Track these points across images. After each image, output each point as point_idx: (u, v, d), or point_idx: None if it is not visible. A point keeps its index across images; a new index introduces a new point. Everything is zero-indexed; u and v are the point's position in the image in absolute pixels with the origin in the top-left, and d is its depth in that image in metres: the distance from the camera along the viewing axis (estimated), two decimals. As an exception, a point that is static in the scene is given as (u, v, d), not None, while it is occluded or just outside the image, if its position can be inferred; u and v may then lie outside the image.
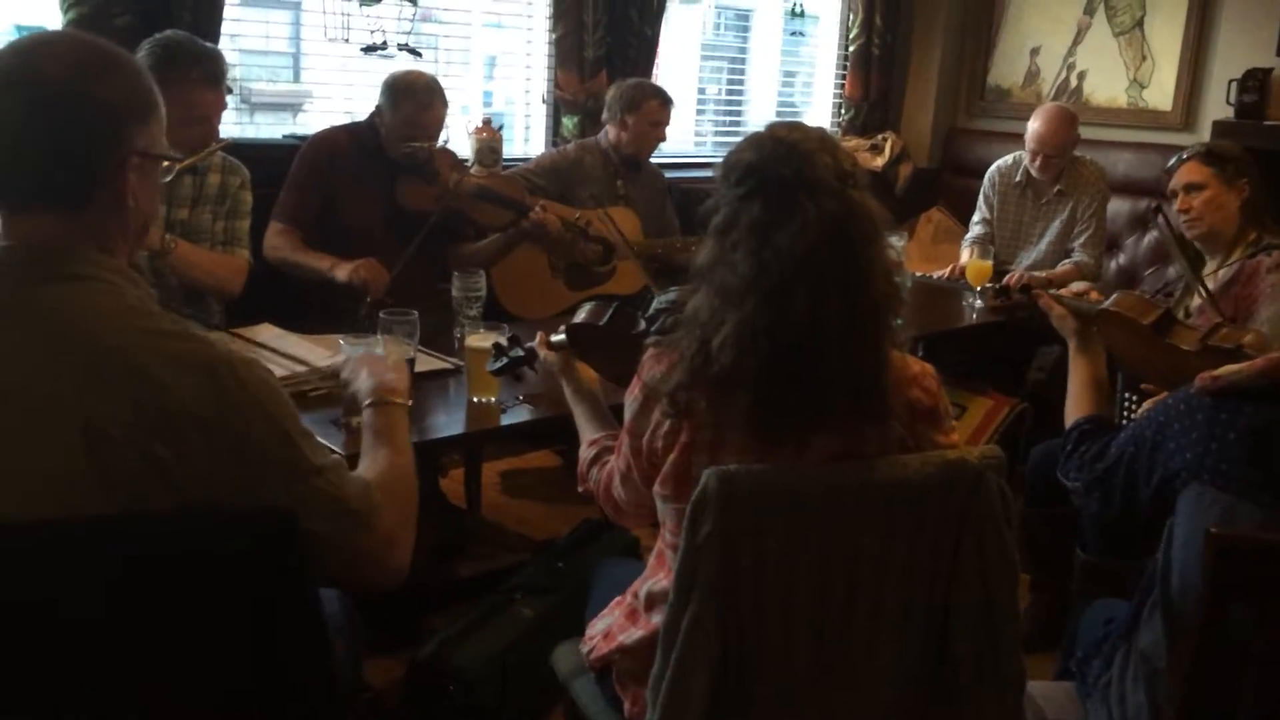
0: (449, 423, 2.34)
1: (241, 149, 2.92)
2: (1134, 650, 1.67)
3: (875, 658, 1.48)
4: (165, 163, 1.33)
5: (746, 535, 1.39)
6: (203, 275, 2.63)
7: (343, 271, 2.92)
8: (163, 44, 2.53)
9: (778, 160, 1.46)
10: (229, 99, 2.75)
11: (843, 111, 5.41)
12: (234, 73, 3.26)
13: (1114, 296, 2.25)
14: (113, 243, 1.27)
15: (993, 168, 4.19)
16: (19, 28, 3.10)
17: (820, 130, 1.54)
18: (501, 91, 4.98)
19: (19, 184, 1.23)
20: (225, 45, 3.25)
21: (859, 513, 1.43)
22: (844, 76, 5.41)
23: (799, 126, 1.52)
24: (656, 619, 1.56)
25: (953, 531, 1.46)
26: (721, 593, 1.39)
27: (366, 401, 1.61)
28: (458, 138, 3.55)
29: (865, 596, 1.45)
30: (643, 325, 1.80)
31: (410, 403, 1.73)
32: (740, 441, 1.47)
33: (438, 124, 3.14)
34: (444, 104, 3.13)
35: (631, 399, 1.58)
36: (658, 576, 1.61)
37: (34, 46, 1.25)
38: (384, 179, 3.12)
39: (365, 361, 1.72)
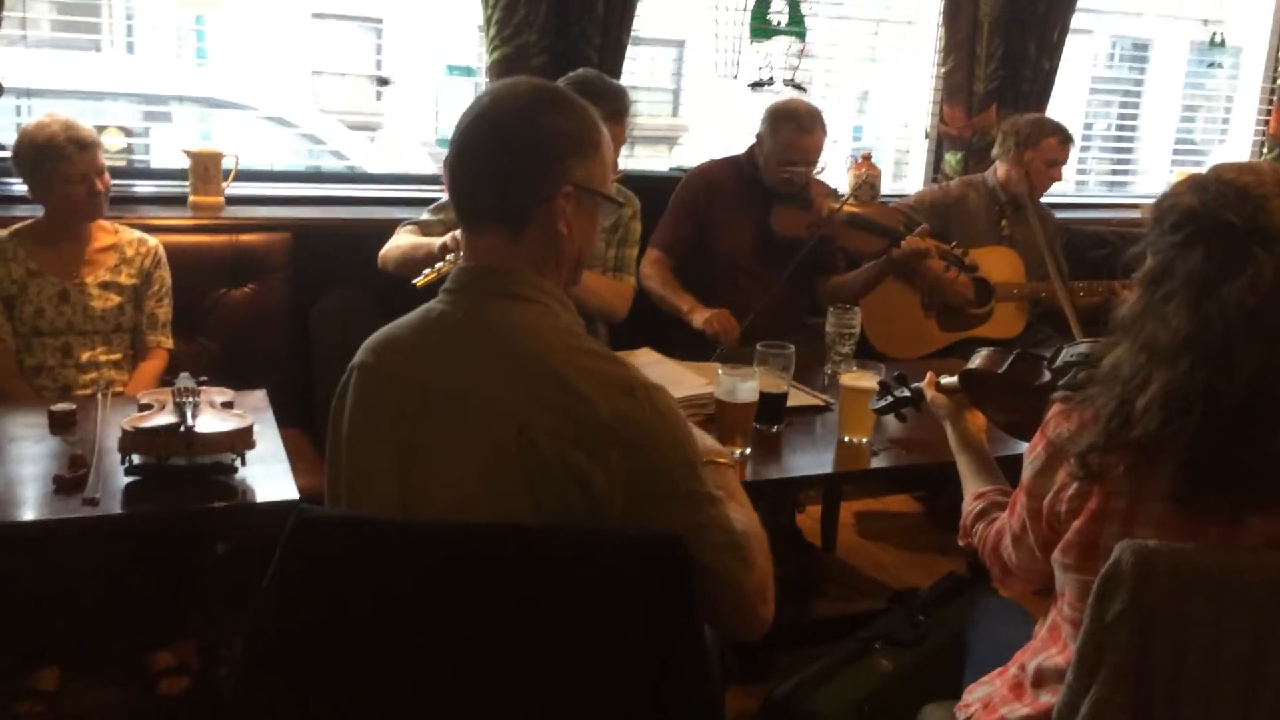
0: (817, 461, 2.32)
1: (628, 180, 3.06)
2: None
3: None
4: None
5: (1165, 620, 1.25)
6: (594, 299, 2.77)
7: (698, 318, 3.00)
8: (576, 82, 2.71)
9: (1225, 205, 1.32)
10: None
11: (1264, 150, 4.87)
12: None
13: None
14: (549, 268, 1.37)
15: None
16: (451, 68, 3.45)
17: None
18: (871, 126, 4.94)
19: (477, 203, 1.36)
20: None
21: (1306, 611, 1.25)
22: (1268, 112, 4.87)
23: (1253, 168, 1.36)
24: (1046, 698, 1.44)
25: None
26: (1130, 679, 1.26)
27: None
28: (832, 172, 3.54)
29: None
30: (1048, 377, 1.68)
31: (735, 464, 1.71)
32: (1161, 514, 1.34)
33: (817, 150, 3.15)
34: (824, 131, 3.16)
35: (1033, 456, 1.48)
36: (1050, 651, 1.48)
37: (502, 86, 1.39)
38: (758, 207, 3.18)
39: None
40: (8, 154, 2.66)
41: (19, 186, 2.85)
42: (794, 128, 3.10)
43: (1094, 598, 1.27)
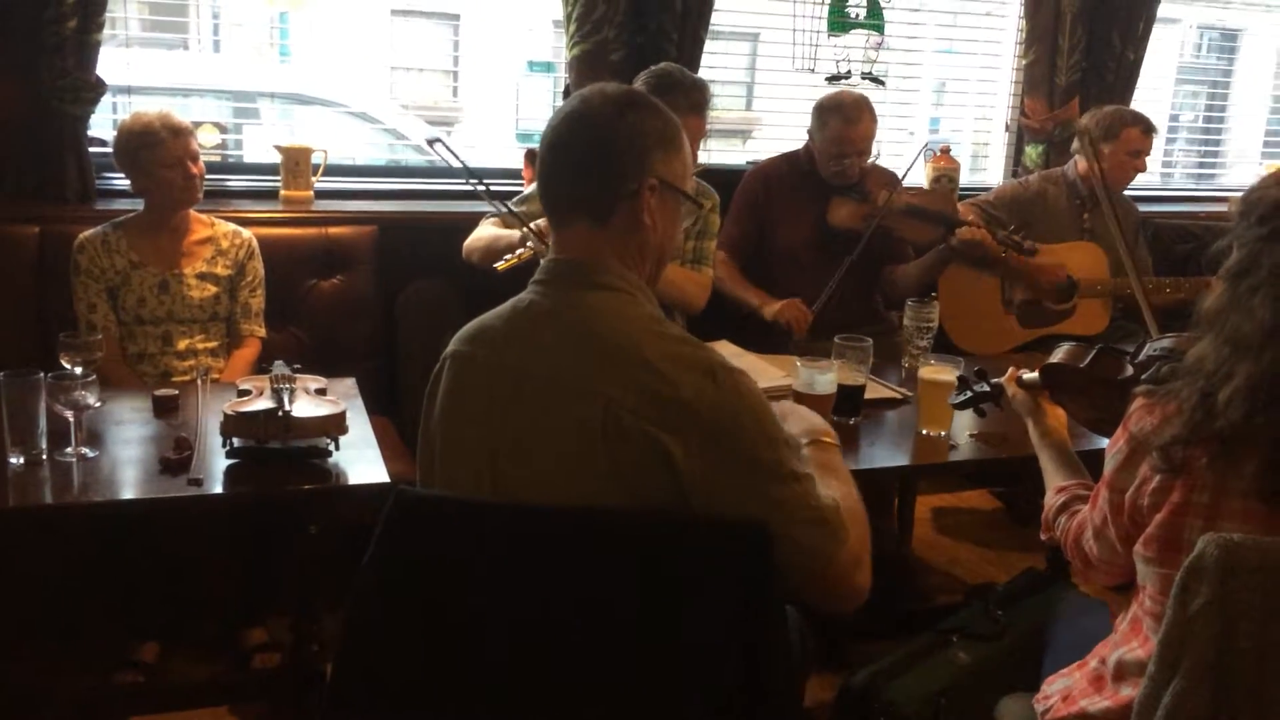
0: (894, 453, 2.32)
1: (706, 174, 3.09)
2: None
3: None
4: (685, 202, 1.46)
5: (1249, 615, 1.24)
6: (673, 290, 2.80)
7: (769, 310, 3.03)
8: (658, 75, 2.76)
9: None
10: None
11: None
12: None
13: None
14: (633, 259, 1.42)
15: None
16: (531, 64, 3.50)
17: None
18: (948, 118, 4.89)
19: (565, 196, 1.42)
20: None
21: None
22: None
23: None
24: (1127, 691, 1.44)
25: None
26: (1212, 673, 1.26)
27: (804, 441, 1.63)
28: (908, 163, 3.53)
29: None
30: (1131, 371, 1.68)
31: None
32: (1245, 508, 1.33)
33: (866, 140, 3.14)
34: (872, 119, 3.13)
35: (1115, 450, 1.48)
36: (1131, 644, 1.49)
37: (590, 89, 1.45)
38: (816, 201, 3.19)
39: (792, 409, 1.75)
40: (109, 149, 2.77)
41: (120, 181, 2.98)
42: (840, 120, 3.09)
43: (1176, 591, 1.27)
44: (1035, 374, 1.95)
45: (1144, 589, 1.47)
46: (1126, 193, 3.65)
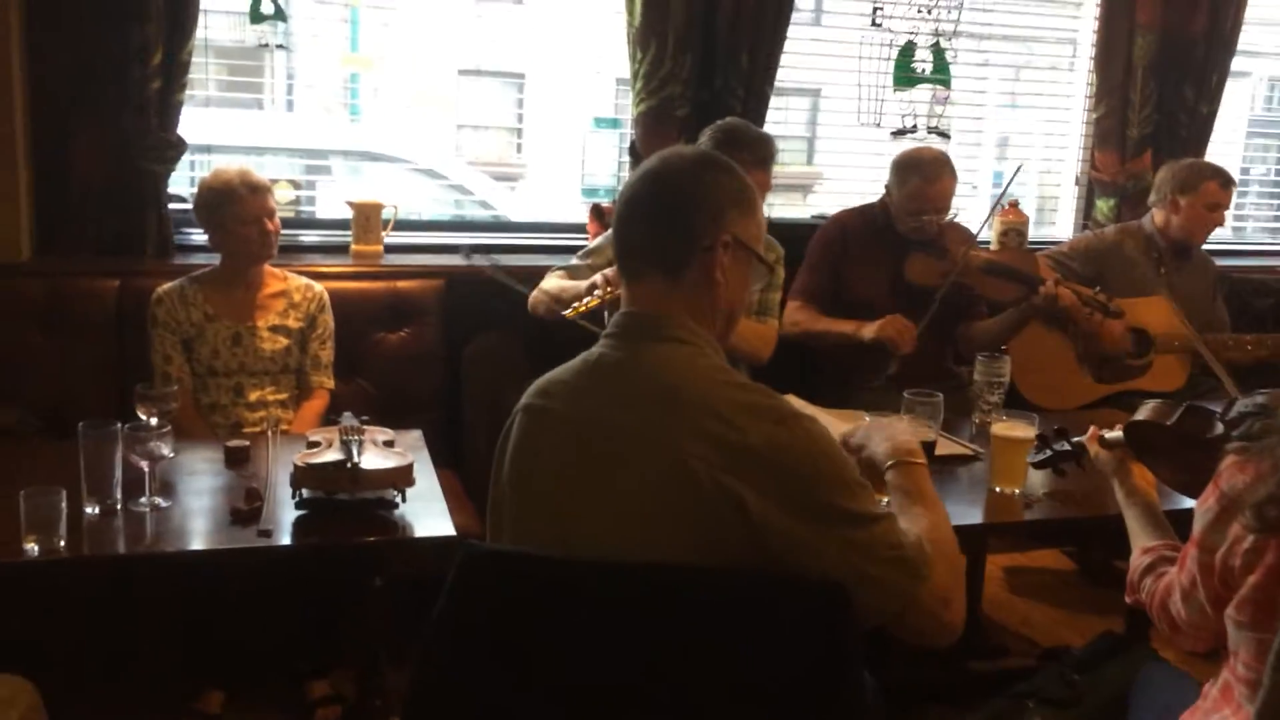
0: (966, 511, 2.27)
1: (770, 228, 3.08)
2: None
3: None
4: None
5: (1354, 684, 1.19)
6: (739, 342, 2.78)
7: (869, 330, 2.99)
8: (723, 129, 2.77)
9: None
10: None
11: None
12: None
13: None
14: (703, 316, 1.42)
15: None
16: (597, 120, 3.56)
17: None
18: (1011, 172, 4.86)
19: (639, 250, 1.43)
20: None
21: None
22: None
23: None
24: (1221, 761, 1.38)
25: None
26: (1316, 747, 1.20)
27: (888, 463, 1.60)
28: (978, 216, 3.50)
29: None
30: (1220, 429, 1.62)
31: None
32: (1346, 572, 1.27)
33: (945, 198, 3.12)
34: (952, 177, 3.12)
35: (1205, 508, 1.43)
36: (1223, 712, 1.42)
37: (668, 151, 1.48)
38: (893, 256, 3.16)
39: (878, 426, 1.72)
40: (189, 205, 2.85)
41: (198, 236, 3.05)
42: (920, 178, 3.08)
43: (1274, 659, 1.21)
44: (1119, 432, 1.89)
45: (1236, 655, 1.41)
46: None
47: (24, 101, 2.97)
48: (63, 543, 1.81)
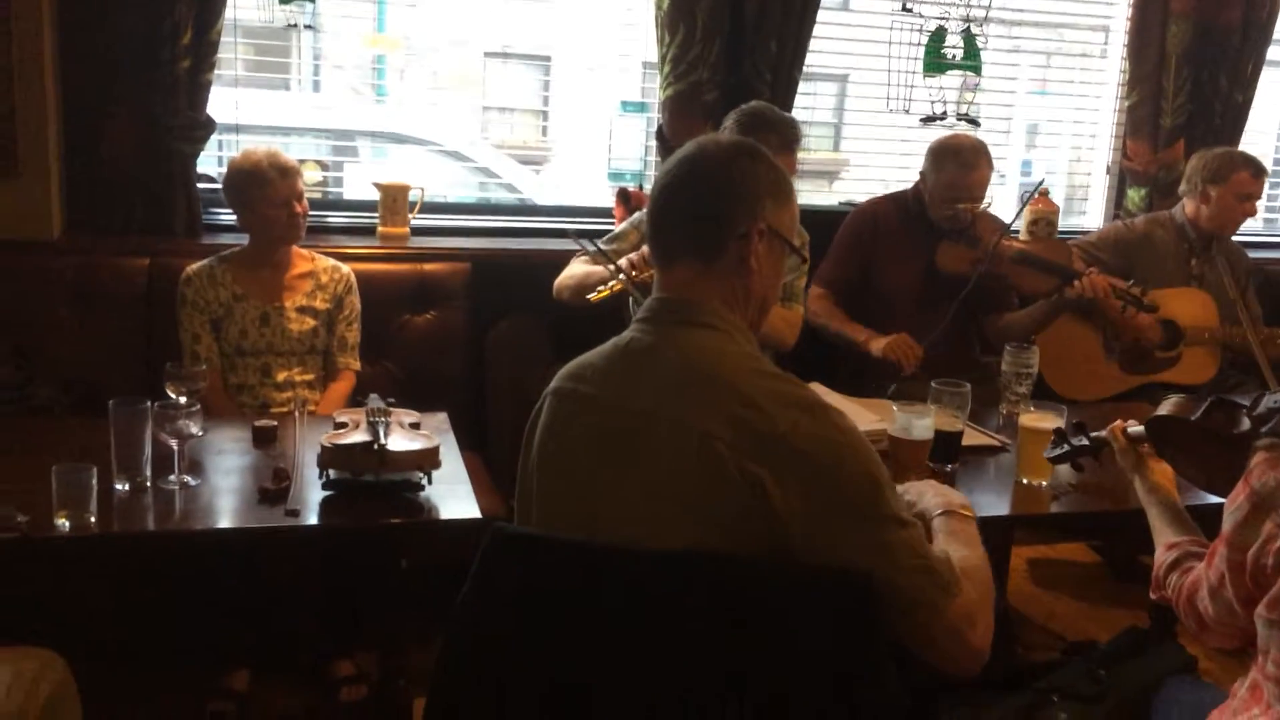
0: (993, 502, 2.26)
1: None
2: None
3: None
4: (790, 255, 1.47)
5: (1387, 684, 1.17)
6: (767, 327, 2.77)
7: (876, 346, 2.98)
8: (748, 113, 2.76)
9: None
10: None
11: None
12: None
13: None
14: (736, 303, 1.42)
15: None
16: (625, 104, 3.54)
17: None
18: (1041, 160, 4.82)
19: (674, 236, 1.43)
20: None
21: None
22: None
23: None
24: (1249, 759, 1.37)
25: None
26: (1346, 747, 1.19)
27: (938, 512, 1.59)
28: (1007, 206, 3.47)
29: None
30: (1248, 425, 1.60)
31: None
32: (1380, 571, 1.26)
33: (982, 185, 3.10)
34: (989, 165, 3.10)
35: (1234, 507, 1.42)
36: (1252, 711, 1.41)
37: (704, 138, 1.48)
38: (925, 244, 3.14)
39: (929, 484, 1.71)
40: (218, 185, 2.86)
41: (226, 217, 3.06)
42: (957, 165, 3.05)
43: (1306, 657, 1.20)
44: (1140, 427, 1.87)
45: (1266, 654, 1.40)
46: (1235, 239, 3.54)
47: (55, 81, 2.99)
48: (93, 519, 1.83)
